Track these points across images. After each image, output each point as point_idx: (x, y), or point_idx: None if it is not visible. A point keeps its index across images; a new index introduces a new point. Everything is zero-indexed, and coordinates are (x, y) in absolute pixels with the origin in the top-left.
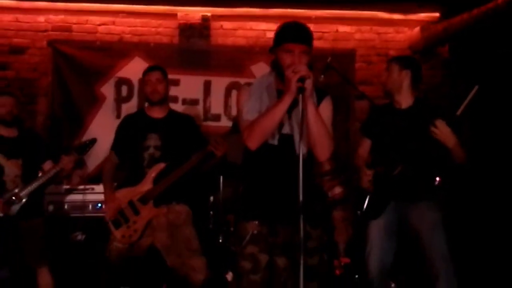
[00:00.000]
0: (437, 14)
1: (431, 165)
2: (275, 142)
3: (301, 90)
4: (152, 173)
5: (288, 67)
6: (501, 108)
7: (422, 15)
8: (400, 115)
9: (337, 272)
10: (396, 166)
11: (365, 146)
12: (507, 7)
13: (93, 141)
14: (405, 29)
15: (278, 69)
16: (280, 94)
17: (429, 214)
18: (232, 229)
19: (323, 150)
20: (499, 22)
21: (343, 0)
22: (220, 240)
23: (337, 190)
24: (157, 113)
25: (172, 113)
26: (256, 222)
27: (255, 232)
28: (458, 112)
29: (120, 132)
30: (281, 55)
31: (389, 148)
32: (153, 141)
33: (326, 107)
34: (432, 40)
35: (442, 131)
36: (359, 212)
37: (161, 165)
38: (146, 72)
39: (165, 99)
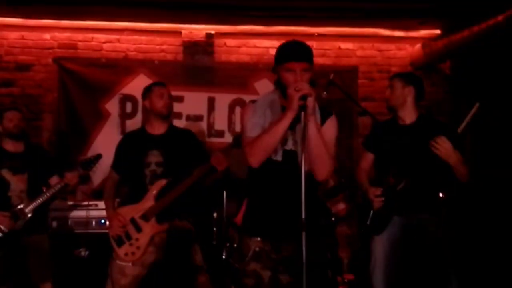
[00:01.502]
0: (438, 31)
1: (434, 181)
2: (279, 158)
3: (303, 107)
4: (154, 190)
5: (291, 85)
6: (503, 124)
7: (423, 32)
8: (404, 131)
9: None
10: (399, 182)
11: (368, 159)
12: (506, 23)
13: (98, 157)
14: (406, 45)
15: (281, 88)
16: (284, 110)
17: (432, 229)
18: (235, 245)
19: (322, 169)
20: (499, 38)
21: (345, 18)
22: (224, 257)
23: (341, 206)
24: (157, 130)
25: (172, 128)
26: (259, 239)
27: (257, 249)
28: (459, 130)
29: (120, 150)
30: (283, 74)
31: (392, 164)
32: (154, 157)
33: (330, 127)
34: (433, 57)
35: (444, 147)
36: (362, 227)
37: (163, 182)
38: (156, 86)
39: (171, 115)
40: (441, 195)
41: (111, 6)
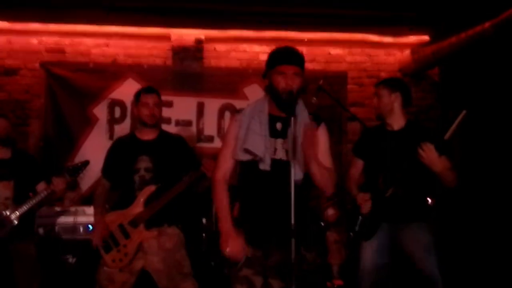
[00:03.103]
0: (426, 37)
1: (423, 187)
2: (267, 167)
3: (291, 112)
4: (143, 196)
5: (283, 88)
6: (491, 130)
7: (412, 38)
8: (392, 137)
9: None
10: (388, 188)
11: (357, 166)
12: (493, 30)
13: (85, 164)
14: (395, 51)
15: (272, 93)
16: (272, 118)
17: (421, 236)
18: None
19: (329, 185)
20: (487, 45)
21: (335, 23)
22: (213, 263)
23: (331, 212)
24: (147, 135)
25: (162, 134)
26: (250, 246)
27: (249, 255)
28: (446, 137)
29: (110, 156)
30: (274, 78)
31: (381, 170)
32: (143, 163)
33: (322, 136)
34: (422, 63)
35: (429, 155)
36: (351, 233)
37: (152, 188)
38: (143, 93)
39: (159, 122)
40: (429, 201)
41: (99, 11)
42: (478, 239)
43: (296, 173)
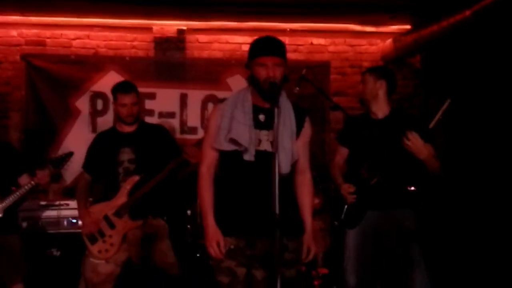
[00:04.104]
0: (408, 26)
1: (407, 175)
2: (251, 158)
3: (275, 103)
4: (127, 186)
5: (264, 80)
6: (472, 116)
7: (394, 27)
8: (376, 125)
9: (315, 282)
10: (372, 176)
11: (342, 154)
12: (474, 18)
13: (69, 155)
14: (377, 41)
15: (254, 84)
16: (256, 109)
17: (405, 222)
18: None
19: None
20: (467, 33)
21: (317, 13)
22: (197, 255)
23: (315, 200)
24: (128, 128)
25: (143, 125)
26: (233, 238)
27: (232, 247)
28: (430, 126)
29: (92, 151)
30: (256, 69)
31: (365, 158)
32: (126, 155)
33: (307, 129)
34: (403, 51)
35: (414, 143)
36: (336, 222)
37: (135, 178)
38: (119, 93)
39: (138, 116)
40: (412, 188)
41: (80, 2)
42: (462, 227)
43: (283, 166)
